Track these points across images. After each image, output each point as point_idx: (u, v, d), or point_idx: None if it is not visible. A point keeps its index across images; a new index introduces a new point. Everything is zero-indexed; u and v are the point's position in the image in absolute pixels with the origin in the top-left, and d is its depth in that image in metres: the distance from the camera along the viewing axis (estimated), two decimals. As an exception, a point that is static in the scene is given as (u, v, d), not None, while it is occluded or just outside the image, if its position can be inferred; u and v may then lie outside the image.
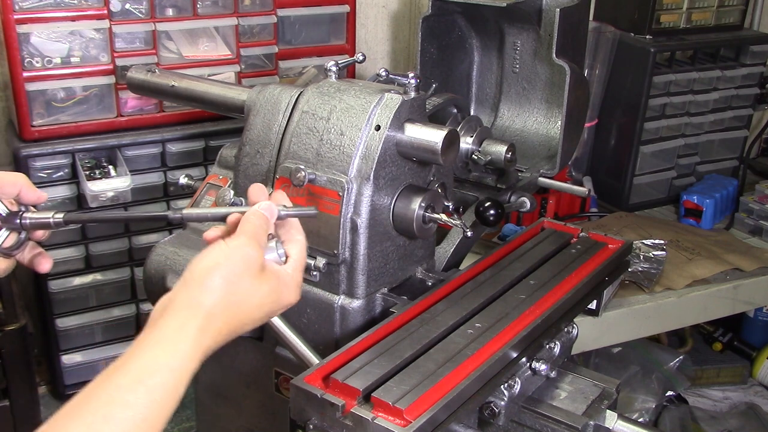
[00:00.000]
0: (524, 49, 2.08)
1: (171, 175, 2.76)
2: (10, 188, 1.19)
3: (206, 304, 1.00)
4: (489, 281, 1.51)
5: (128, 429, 0.90)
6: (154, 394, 0.92)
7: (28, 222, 1.19)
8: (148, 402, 0.92)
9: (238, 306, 1.03)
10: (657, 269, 2.28)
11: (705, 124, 2.95)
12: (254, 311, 1.06)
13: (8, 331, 2.19)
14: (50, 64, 2.53)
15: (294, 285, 1.11)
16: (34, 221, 1.20)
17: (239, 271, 1.03)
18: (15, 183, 1.19)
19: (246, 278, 1.04)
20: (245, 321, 1.05)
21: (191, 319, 0.98)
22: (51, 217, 1.20)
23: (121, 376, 0.93)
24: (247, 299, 1.04)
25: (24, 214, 1.19)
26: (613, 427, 1.42)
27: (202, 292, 1.00)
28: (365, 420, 1.09)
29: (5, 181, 1.18)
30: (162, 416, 0.93)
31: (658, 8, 2.77)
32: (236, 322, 1.04)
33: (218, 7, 2.71)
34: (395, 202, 1.46)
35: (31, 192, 1.21)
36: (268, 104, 1.56)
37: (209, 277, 1.01)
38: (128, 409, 0.90)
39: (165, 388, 0.93)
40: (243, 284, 1.03)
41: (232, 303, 1.02)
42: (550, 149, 2.03)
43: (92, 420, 0.89)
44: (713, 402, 3.23)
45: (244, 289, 1.03)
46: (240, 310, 1.03)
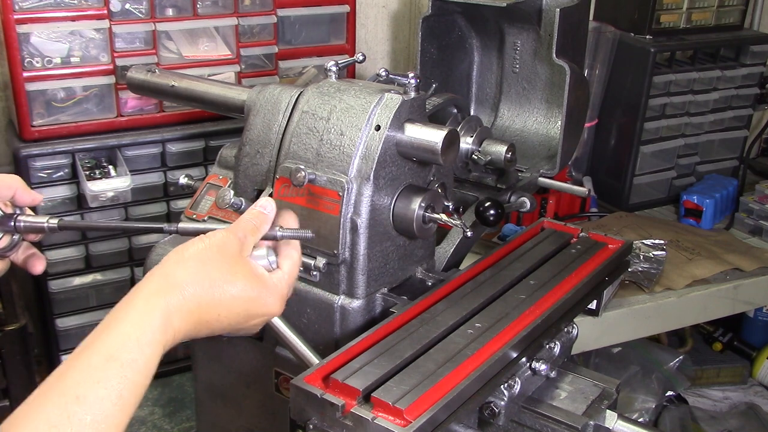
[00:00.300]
0: (524, 49, 2.08)
1: (171, 175, 2.76)
2: (6, 191, 1.19)
3: (178, 279, 0.99)
4: (489, 281, 1.51)
5: (101, 408, 0.88)
6: (127, 371, 0.91)
7: (22, 225, 1.20)
8: (121, 379, 0.90)
9: (212, 290, 1.02)
10: (657, 269, 2.28)
11: (705, 124, 2.96)
12: (230, 303, 1.04)
13: (8, 331, 2.19)
14: (50, 64, 2.53)
15: (278, 295, 1.10)
16: (28, 225, 1.20)
17: (213, 255, 1.03)
18: (10, 186, 1.19)
19: (219, 262, 1.03)
20: (220, 312, 1.03)
21: (161, 292, 0.98)
22: (45, 222, 1.20)
23: (92, 354, 0.92)
24: (220, 285, 1.03)
25: (18, 217, 1.20)
26: (613, 427, 1.42)
27: (175, 268, 1.01)
28: (365, 420, 1.09)
29: (1, 184, 1.19)
30: (136, 394, 0.92)
31: (658, 8, 2.77)
32: (209, 308, 1.02)
33: (218, 7, 2.72)
34: (395, 202, 1.46)
35: (27, 194, 1.21)
36: (268, 104, 1.56)
37: (182, 254, 1.02)
38: (100, 388, 0.89)
39: (136, 366, 0.92)
40: (216, 268, 1.03)
41: (205, 285, 1.01)
42: (550, 149, 2.03)
43: (65, 401, 0.87)
44: (713, 402, 3.23)
45: (218, 273, 1.03)
46: (213, 296, 1.02)
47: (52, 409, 0.86)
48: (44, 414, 0.86)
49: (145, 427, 2.88)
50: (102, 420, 0.88)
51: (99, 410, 0.88)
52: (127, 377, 0.91)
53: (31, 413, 0.86)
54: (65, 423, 0.85)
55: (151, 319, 0.95)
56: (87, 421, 0.87)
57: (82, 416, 0.86)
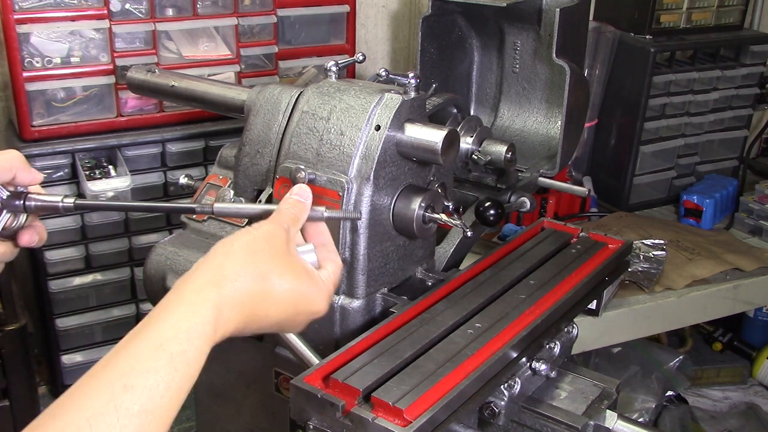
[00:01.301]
0: (524, 49, 2.08)
1: (171, 175, 2.76)
2: (6, 173, 1.11)
3: (228, 271, 0.96)
4: (489, 281, 1.51)
5: (150, 398, 0.85)
6: (176, 363, 0.88)
7: (33, 204, 1.11)
8: (171, 370, 0.87)
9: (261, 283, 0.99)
10: (657, 269, 2.28)
11: (705, 124, 2.96)
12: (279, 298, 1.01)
13: (8, 331, 2.19)
14: (50, 64, 2.53)
15: (326, 292, 1.07)
16: (40, 204, 1.12)
17: (263, 246, 1.00)
18: (10, 167, 1.11)
19: (268, 254, 1.00)
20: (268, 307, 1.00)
21: (212, 284, 0.95)
22: (60, 201, 1.12)
23: (140, 344, 0.88)
24: (269, 278, 1.00)
25: (29, 195, 1.11)
26: (613, 427, 1.42)
27: (225, 259, 0.97)
28: (365, 420, 1.09)
29: (1, 167, 1.11)
30: (183, 388, 0.89)
31: (658, 8, 2.77)
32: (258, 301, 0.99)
33: (218, 7, 2.72)
34: (395, 202, 1.46)
35: (27, 173, 1.13)
36: (268, 104, 1.56)
37: (230, 245, 0.99)
38: (150, 377, 0.86)
39: (186, 358, 0.89)
40: (265, 260, 1.00)
41: (255, 277, 0.98)
42: (550, 149, 2.03)
43: (112, 390, 0.83)
44: (713, 402, 3.23)
45: (267, 266, 1.00)
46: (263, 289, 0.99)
47: (99, 397, 0.83)
48: (89, 402, 0.83)
49: (145, 427, 2.87)
50: (150, 411, 0.85)
51: (147, 400, 0.85)
52: (177, 369, 0.88)
53: (76, 401, 0.83)
54: (112, 412, 0.82)
55: (201, 310, 0.92)
56: (134, 410, 0.83)
57: (130, 405, 0.83)
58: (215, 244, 1.02)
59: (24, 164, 1.12)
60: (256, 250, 1.00)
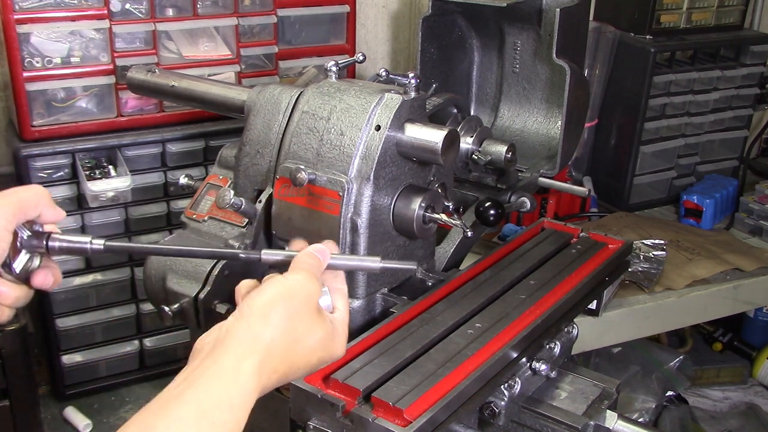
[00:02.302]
0: (524, 49, 2.07)
1: (171, 175, 2.76)
2: (32, 210, 1.04)
3: (267, 338, 0.95)
4: (489, 281, 1.51)
5: None
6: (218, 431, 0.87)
7: (57, 246, 1.05)
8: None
9: (296, 345, 0.99)
10: (657, 269, 2.28)
11: (705, 124, 2.96)
12: (309, 354, 1.01)
13: (8, 331, 2.19)
14: (50, 64, 2.54)
15: (344, 338, 1.07)
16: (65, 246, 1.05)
17: (300, 308, 0.99)
18: (37, 204, 1.04)
19: (306, 316, 1.00)
20: (299, 364, 1.00)
21: (252, 353, 0.93)
22: (89, 242, 1.05)
23: (180, 408, 0.87)
24: (303, 339, 0.99)
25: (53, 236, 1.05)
26: (613, 427, 1.42)
27: (264, 326, 0.96)
28: (365, 420, 1.09)
29: (29, 203, 1.03)
30: None
31: (658, 8, 2.77)
32: (291, 362, 0.99)
33: (218, 7, 2.72)
34: (395, 202, 1.46)
35: (52, 211, 1.07)
36: (268, 104, 1.56)
37: (271, 311, 0.97)
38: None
39: (228, 428, 0.88)
40: (302, 322, 0.99)
41: (291, 341, 0.98)
42: (550, 149, 2.03)
43: None
44: (713, 402, 3.23)
45: (303, 327, 0.99)
46: (296, 351, 0.99)
47: None
48: None
49: (145, 427, 2.87)
50: None
51: None
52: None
53: None
54: None
55: (244, 381, 0.91)
56: None
57: None
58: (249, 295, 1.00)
59: (49, 201, 1.07)
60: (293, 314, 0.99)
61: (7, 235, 1.00)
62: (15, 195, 1.02)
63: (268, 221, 1.51)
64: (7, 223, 1.00)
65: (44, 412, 2.77)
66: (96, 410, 2.93)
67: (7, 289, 1.03)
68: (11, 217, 1.00)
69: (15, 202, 1.01)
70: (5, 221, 0.99)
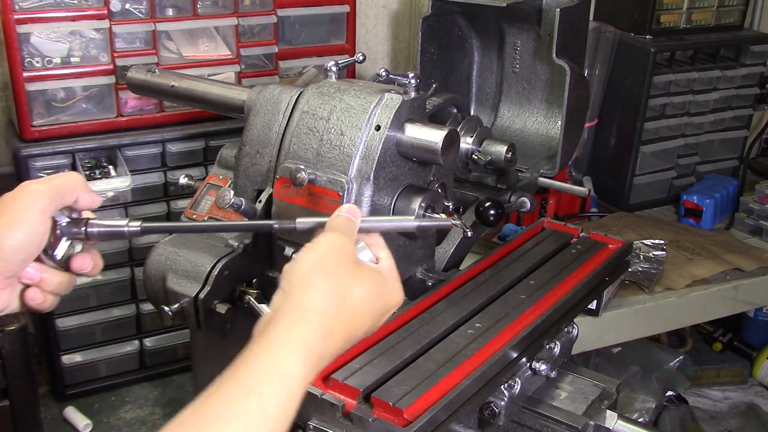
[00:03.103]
0: (524, 49, 2.07)
1: (171, 175, 2.76)
2: (69, 196, 1.05)
3: (312, 304, 0.94)
4: (489, 281, 1.51)
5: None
6: (267, 405, 0.85)
7: (95, 231, 1.06)
8: (262, 414, 0.84)
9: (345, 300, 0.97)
10: (657, 269, 2.28)
11: (705, 124, 2.95)
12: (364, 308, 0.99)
13: (8, 331, 2.19)
14: (50, 64, 2.54)
15: (395, 282, 1.05)
16: (103, 231, 1.06)
17: (337, 265, 0.98)
18: (73, 189, 1.05)
19: (344, 270, 0.99)
20: (357, 321, 0.99)
21: (299, 322, 0.92)
22: (125, 225, 1.06)
23: (231, 388, 0.86)
24: (351, 293, 0.98)
25: (90, 222, 1.06)
26: (613, 427, 1.42)
27: (306, 293, 0.95)
28: (365, 420, 1.09)
29: (65, 188, 1.04)
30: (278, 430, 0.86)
31: (658, 8, 2.77)
32: (347, 320, 0.97)
33: (218, 7, 2.72)
34: (395, 202, 1.46)
35: (88, 196, 1.07)
36: (268, 104, 1.56)
37: (310, 277, 0.96)
38: (240, 423, 0.83)
39: (278, 400, 0.86)
40: (344, 277, 0.98)
41: (338, 299, 0.96)
42: (550, 149, 2.03)
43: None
44: (713, 402, 3.23)
45: (347, 282, 0.98)
46: (348, 307, 0.97)
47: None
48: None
49: (146, 427, 2.88)
50: None
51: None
52: (269, 412, 0.85)
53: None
54: None
55: (291, 350, 0.90)
56: None
57: None
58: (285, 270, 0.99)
59: (86, 186, 1.07)
60: (329, 271, 0.98)
61: (45, 218, 1.01)
62: (51, 181, 1.04)
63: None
64: (44, 207, 1.01)
65: (44, 412, 2.77)
66: (96, 410, 2.93)
67: (50, 275, 1.05)
68: (48, 201, 1.01)
69: (51, 188, 1.03)
70: (42, 205, 1.01)
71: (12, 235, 0.99)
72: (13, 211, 1.00)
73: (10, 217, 0.99)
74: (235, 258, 1.49)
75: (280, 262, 1.53)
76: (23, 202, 1.01)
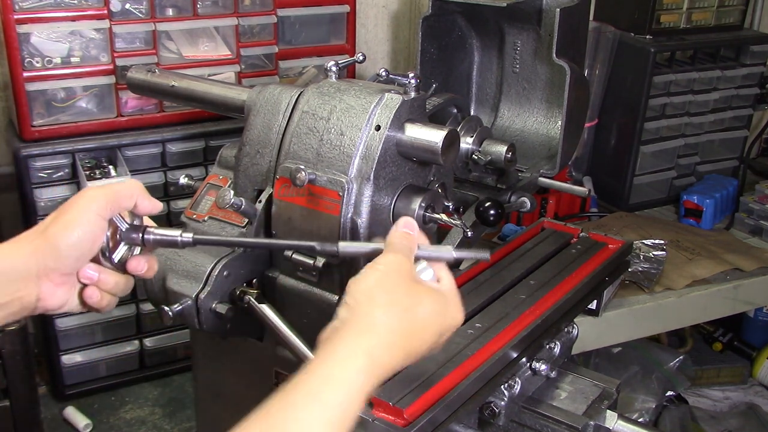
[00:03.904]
0: (524, 49, 2.07)
1: (171, 175, 2.76)
2: (127, 200, 1.10)
3: (380, 318, 0.97)
4: (489, 281, 1.51)
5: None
6: (329, 413, 0.88)
7: (151, 239, 1.11)
8: (323, 422, 0.87)
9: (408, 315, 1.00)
10: (657, 269, 2.28)
11: (705, 124, 2.96)
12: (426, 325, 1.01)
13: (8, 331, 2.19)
14: (50, 64, 2.53)
15: (458, 302, 1.08)
16: (158, 238, 1.12)
17: (399, 283, 1.01)
18: (131, 194, 1.10)
19: (406, 289, 1.01)
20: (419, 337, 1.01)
21: (367, 333, 0.95)
22: (179, 236, 1.11)
23: (295, 393, 0.89)
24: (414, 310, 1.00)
25: (148, 229, 1.12)
26: (613, 427, 1.42)
27: (371, 307, 0.98)
28: (365, 420, 1.09)
29: (123, 194, 1.10)
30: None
31: (658, 8, 2.77)
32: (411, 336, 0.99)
33: (218, 7, 2.72)
34: (395, 202, 1.46)
35: (148, 202, 1.12)
36: (268, 104, 1.56)
37: (375, 293, 0.99)
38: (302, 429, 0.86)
39: (340, 408, 0.89)
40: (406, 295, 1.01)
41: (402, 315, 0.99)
42: (550, 149, 2.03)
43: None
44: (713, 402, 3.23)
45: (409, 299, 1.01)
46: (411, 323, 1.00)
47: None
48: None
49: (145, 427, 2.87)
50: None
51: None
52: (331, 420, 0.88)
53: None
54: None
55: (355, 360, 0.93)
56: None
57: None
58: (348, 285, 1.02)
59: (144, 193, 1.12)
60: (392, 287, 1.01)
61: (101, 221, 1.07)
62: (110, 187, 1.10)
63: (268, 221, 1.51)
64: (100, 210, 1.07)
65: (44, 412, 2.77)
66: (96, 410, 2.93)
67: (107, 276, 1.11)
68: (104, 204, 1.07)
69: (109, 193, 1.08)
70: (98, 208, 1.07)
71: (68, 235, 1.05)
72: (72, 212, 1.06)
73: (67, 218, 1.06)
74: (235, 258, 1.49)
75: (280, 263, 1.53)
76: (81, 205, 1.07)
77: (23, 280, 1.05)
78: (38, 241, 1.06)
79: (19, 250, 1.06)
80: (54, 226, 1.06)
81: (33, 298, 1.07)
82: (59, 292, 1.08)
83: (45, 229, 1.06)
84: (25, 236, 1.07)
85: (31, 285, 1.06)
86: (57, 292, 1.08)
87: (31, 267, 1.05)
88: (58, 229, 1.05)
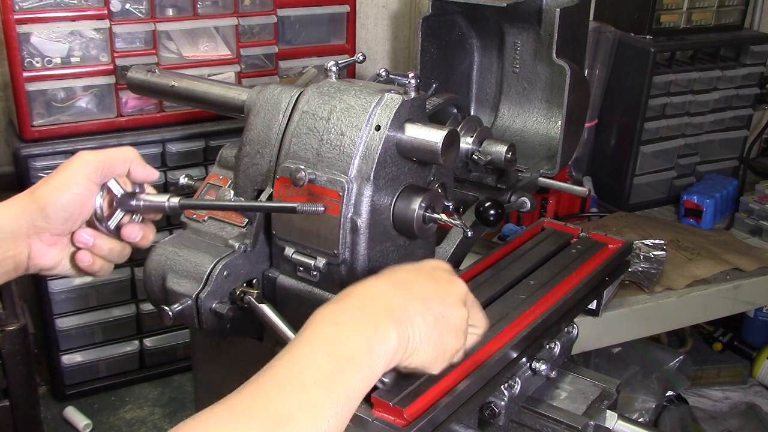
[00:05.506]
0: (524, 49, 2.07)
1: (171, 175, 2.76)
2: (121, 166, 1.12)
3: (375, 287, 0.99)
4: (489, 281, 1.51)
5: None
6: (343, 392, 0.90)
7: (142, 204, 1.12)
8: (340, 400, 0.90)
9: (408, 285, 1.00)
10: (657, 269, 2.28)
11: (705, 124, 2.96)
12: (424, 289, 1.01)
13: (8, 331, 2.19)
14: (50, 64, 2.54)
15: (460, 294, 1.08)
16: (148, 204, 1.12)
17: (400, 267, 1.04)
18: (125, 159, 1.12)
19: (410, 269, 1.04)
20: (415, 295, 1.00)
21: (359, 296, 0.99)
22: (166, 200, 1.12)
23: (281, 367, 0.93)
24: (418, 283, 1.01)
25: (138, 195, 1.12)
26: (613, 427, 1.42)
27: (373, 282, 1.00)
28: (365, 420, 1.09)
29: (116, 160, 1.12)
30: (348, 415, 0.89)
31: (658, 8, 2.77)
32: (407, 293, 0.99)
33: (218, 7, 2.72)
34: (395, 202, 1.46)
35: (142, 169, 1.14)
36: (268, 104, 1.55)
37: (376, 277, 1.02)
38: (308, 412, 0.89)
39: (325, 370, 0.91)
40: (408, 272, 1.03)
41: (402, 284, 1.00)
42: (550, 149, 2.03)
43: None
44: (713, 402, 3.23)
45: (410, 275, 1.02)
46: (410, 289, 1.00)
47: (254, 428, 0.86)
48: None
49: (145, 427, 2.88)
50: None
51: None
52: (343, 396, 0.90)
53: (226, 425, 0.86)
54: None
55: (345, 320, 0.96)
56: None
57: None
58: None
59: (138, 159, 1.14)
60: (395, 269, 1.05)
61: (91, 185, 1.10)
62: (103, 152, 1.13)
63: (268, 221, 1.51)
64: (90, 174, 1.09)
65: (44, 412, 2.77)
66: (96, 410, 2.93)
67: (102, 241, 1.13)
68: (94, 169, 1.09)
69: (101, 157, 1.11)
70: (89, 172, 1.09)
71: (56, 196, 1.08)
72: (62, 175, 1.09)
73: (57, 180, 1.09)
74: (235, 258, 1.49)
75: (280, 263, 1.53)
76: (72, 168, 1.10)
77: (14, 239, 1.08)
78: (26, 202, 1.08)
79: (9, 211, 1.08)
80: (44, 188, 1.08)
81: (24, 257, 1.09)
82: (51, 252, 1.10)
83: (34, 190, 1.09)
84: (15, 198, 1.10)
85: (22, 244, 1.08)
86: (49, 251, 1.10)
87: (21, 225, 1.08)
88: (47, 190, 1.08)
